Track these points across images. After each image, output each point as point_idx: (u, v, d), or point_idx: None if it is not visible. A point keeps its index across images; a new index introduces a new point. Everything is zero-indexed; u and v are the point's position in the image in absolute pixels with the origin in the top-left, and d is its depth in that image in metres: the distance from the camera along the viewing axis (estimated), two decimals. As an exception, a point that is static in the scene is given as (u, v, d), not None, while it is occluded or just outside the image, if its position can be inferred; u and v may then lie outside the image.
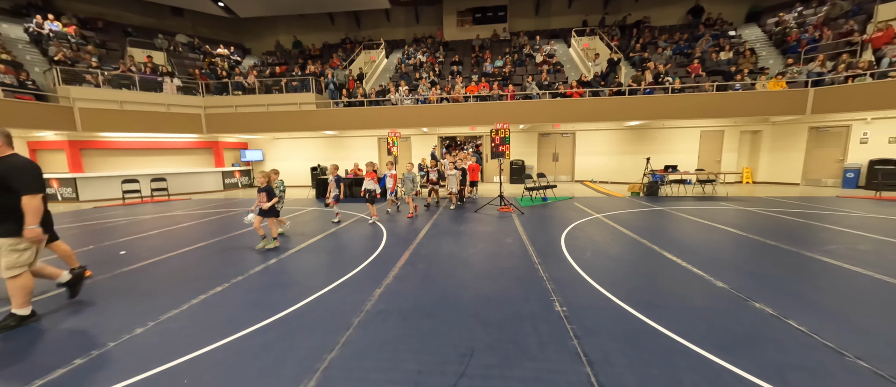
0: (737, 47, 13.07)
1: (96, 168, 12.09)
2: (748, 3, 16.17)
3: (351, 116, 12.69)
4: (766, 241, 5.00)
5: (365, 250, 4.95)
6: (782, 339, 2.46)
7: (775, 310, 2.88)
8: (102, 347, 2.54)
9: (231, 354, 2.43)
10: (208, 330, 2.75)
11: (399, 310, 3.04)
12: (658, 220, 6.66)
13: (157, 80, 12.77)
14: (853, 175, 10.66)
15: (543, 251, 4.69)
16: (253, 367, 2.28)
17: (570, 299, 3.19)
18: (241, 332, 2.71)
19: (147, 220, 7.78)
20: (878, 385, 1.98)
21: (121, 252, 5.10)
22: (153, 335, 2.70)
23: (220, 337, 2.63)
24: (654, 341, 2.48)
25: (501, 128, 7.97)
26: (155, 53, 14.50)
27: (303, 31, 19.31)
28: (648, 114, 11.24)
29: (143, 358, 2.39)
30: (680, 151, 13.26)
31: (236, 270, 4.20)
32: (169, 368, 2.28)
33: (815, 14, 13.24)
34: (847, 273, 3.70)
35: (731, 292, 3.27)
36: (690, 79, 11.95)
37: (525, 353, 2.37)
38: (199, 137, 13.99)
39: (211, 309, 3.15)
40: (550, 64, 14.31)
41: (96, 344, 2.58)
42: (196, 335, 2.67)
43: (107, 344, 2.57)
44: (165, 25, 17.29)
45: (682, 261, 4.17)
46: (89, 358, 2.40)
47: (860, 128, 10.76)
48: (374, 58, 17.14)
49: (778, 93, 10.53)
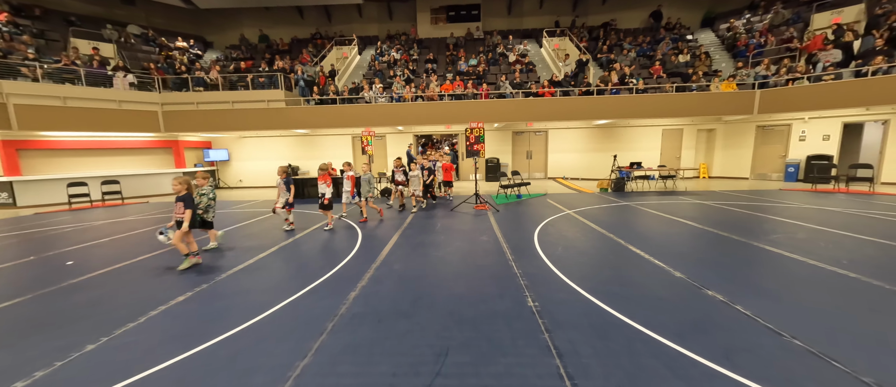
0: (693, 51, 13.95)
1: (37, 171, 10.99)
2: (703, 9, 17.28)
3: (323, 115, 12.34)
4: (718, 232, 5.40)
5: (331, 258, 4.86)
6: (730, 323, 2.68)
7: (725, 297, 3.13)
8: (48, 367, 2.34)
9: (195, 367, 2.32)
10: (168, 343, 2.60)
11: (375, 312, 3.02)
12: (624, 215, 7.01)
13: (107, 74, 11.78)
14: (794, 170, 11.73)
15: (518, 248, 4.81)
16: (220, 378, 2.19)
17: (543, 294, 3.31)
18: (206, 343, 2.59)
19: (98, 226, 7.19)
20: (809, 361, 2.21)
21: (67, 262, 4.69)
22: (105, 352, 2.52)
23: (183, 350, 2.50)
24: (619, 331, 2.63)
25: (476, 126, 8.05)
26: (103, 45, 13.36)
27: (269, 25, 18.49)
28: (615, 113, 11.77)
29: (93, 378, 2.23)
30: (644, 148, 14.00)
31: (200, 279, 3.99)
32: (130, 382, 2.14)
33: (761, 21, 14.37)
34: (786, 260, 4.08)
35: (687, 281, 3.52)
36: (653, 80, 12.62)
37: (499, 349, 2.43)
38: (157, 136, 13.07)
39: (171, 321, 2.98)
40: (523, 63, 14.61)
41: (39, 365, 2.37)
42: (154, 350, 2.52)
43: (53, 364, 2.37)
44: (114, 15, 15.95)
45: (645, 253, 4.43)
46: (31, 380, 2.21)
47: (799, 126, 11.84)
48: (346, 54, 16.73)
49: (729, 94, 11.36)
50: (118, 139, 12.47)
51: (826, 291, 3.24)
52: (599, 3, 17.93)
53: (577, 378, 2.11)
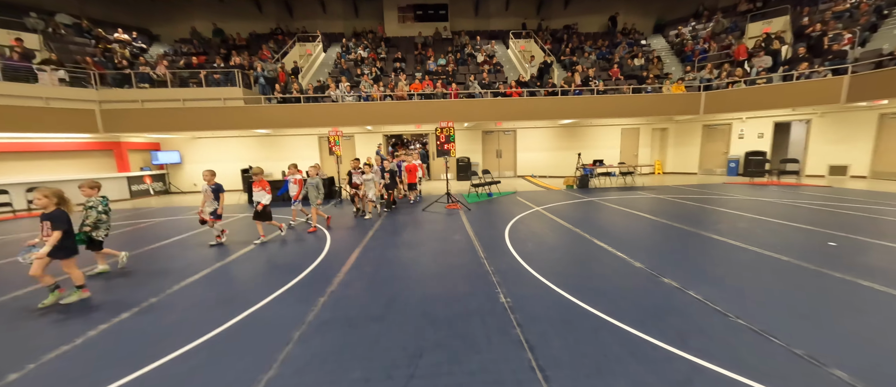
0: (647, 55, 14.91)
1: (-58, 178, 9.53)
2: (655, 16, 18.53)
3: (286, 114, 11.77)
4: (672, 224, 5.81)
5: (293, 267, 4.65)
6: (684, 308, 2.89)
7: (679, 283, 3.36)
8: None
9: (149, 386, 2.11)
10: (110, 367, 2.35)
11: (345, 318, 2.92)
12: (589, 210, 7.35)
13: (30, 68, 10.46)
14: (734, 165, 12.91)
15: (489, 246, 4.88)
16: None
17: (514, 289, 3.37)
18: (156, 362, 2.36)
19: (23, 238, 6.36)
20: (751, 338, 2.43)
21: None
22: (36, 380, 2.23)
23: (129, 371, 2.27)
24: (586, 321, 2.74)
25: (446, 126, 8.06)
26: (26, 36, 11.84)
27: (224, 19, 17.35)
28: (578, 113, 12.30)
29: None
30: (605, 146, 14.76)
31: (148, 291, 3.65)
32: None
33: (705, 29, 15.67)
34: (730, 247, 4.47)
35: (646, 270, 3.74)
36: (611, 82, 13.34)
37: (472, 346, 2.44)
38: (95, 137, 11.81)
39: (114, 341, 2.69)
40: (491, 64, 14.85)
41: None
42: (91, 376, 2.26)
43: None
44: (40, 2, 14.19)
45: (608, 246, 4.66)
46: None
47: (738, 126, 13.05)
48: (310, 51, 16.09)
49: (678, 96, 12.27)
50: (47, 141, 11.11)
51: (764, 273, 3.59)
52: (562, 7, 18.65)
53: (548, 369, 2.16)
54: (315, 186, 6.25)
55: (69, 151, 11.65)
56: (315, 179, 6.22)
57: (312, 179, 6.27)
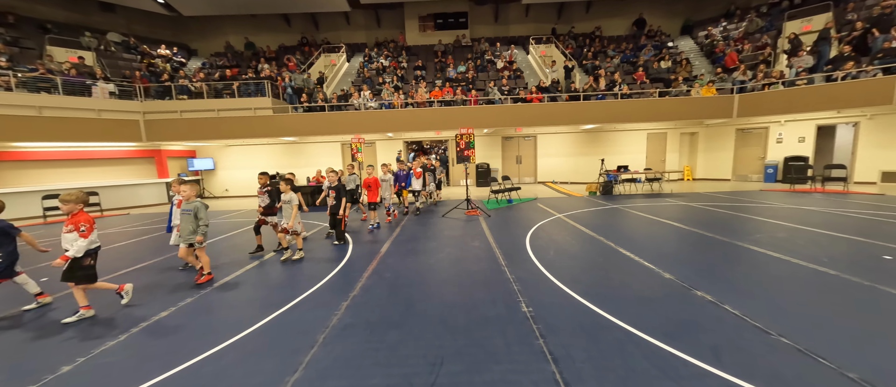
0: (674, 57, 14.39)
1: (10, 183, 10.52)
2: (682, 17, 17.89)
3: (311, 122, 12.21)
4: (704, 233, 5.53)
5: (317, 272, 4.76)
6: (718, 323, 2.73)
7: (713, 296, 3.19)
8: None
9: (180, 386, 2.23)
10: (150, 362, 2.50)
11: (366, 323, 2.96)
12: (613, 217, 7.12)
13: (86, 83, 11.43)
14: (772, 171, 12.14)
15: (509, 253, 4.82)
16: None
17: (535, 298, 3.31)
18: (189, 361, 2.49)
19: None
20: (796, 359, 2.26)
21: (42, 279, 4.47)
22: (83, 376, 2.40)
23: (164, 369, 2.40)
24: (611, 333, 2.64)
25: (466, 132, 8.10)
26: (83, 54, 12.98)
27: (255, 32, 18.31)
28: (601, 118, 12.00)
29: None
30: (630, 151, 14.29)
31: (180, 296, 3.86)
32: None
33: (737, 28, 14.96)
34: (769, 259, 4.20)
35: (676, 282, 3.57)
36: (636, 85, 12.95)
37: (493, 356, 2.41)
38: (138, 146, 12.70)
39: (152, 339, 2.86)
40: (511, 70, 14.81)
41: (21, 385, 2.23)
42: (134, 369, 2.41)
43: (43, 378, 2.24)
44: (93, 22, 15.53)
45: (634, 255, 4.49)
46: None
47: (776, 129, 12.30)
48: (334, 61, 16.66)
49: (709, 98, 11.74)
50: (98, 150, 12.06)
51: (808, 288, 3.34)
52: (584, 11, 18.38)
53: (572, 383, 2.10)
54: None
55: (116, 159, 12.59)
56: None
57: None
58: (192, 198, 4.10)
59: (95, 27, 15.13)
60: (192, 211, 4.03)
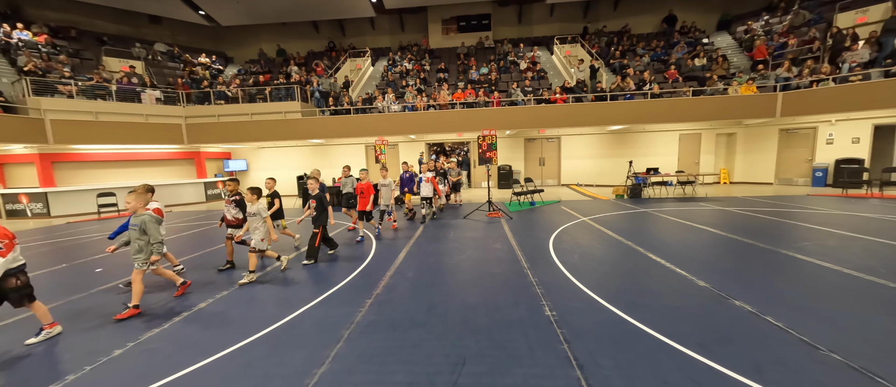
0: (710, 54, 13.66)
1: (69, 182, 11.58)
2: (718, 12, 16.95)
3: (338, 124, 12.61)
4: (743, 239, 5.20)
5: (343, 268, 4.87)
6: (760, 335, 2.56)
7: (753, 307, 2.99)
8: (79, 371, 2.43)
9: (214, 374, 2.36)
10: (189, 349, 2.67)
11: (389, 321, 3.02)
12: (642, 221, 6.84)
13: (136, 90, 12.40)
14: (822, 174, 11.22)
15: (532, 256, 4.75)
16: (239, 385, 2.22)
17: (559, 303, 3.24)
18: (224, 351, 2.64)
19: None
20: (850, 377, 2.08)
21: (96, 270, 4.89)
22: (132, 357, 2.60)
23: (202, 357, 2.55)
24: (640, 341, 2.54)
25: (488, 134, 8.07)
26: (133, 63, 14.09)
27: (286, 39, 19.15)
28: (630, 118, 11.58)
29: (121, 382, 2.30)
30: (660, 153, 13.68)
31: (214, 288, 4.09)
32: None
33: (780, 22, 13.99)
34: (818, 269, 3.88)
35: (712, 290, 3.38)
36: (668, 84, 12.40)
37: (516, 359, 2.39)
38: (180, 148, 13.61)
39: (191, 328, 3.05)
40: (534, 71, 14.60)
41: (73, 368, 2.46)
42: (176, 356, 2.59)
43: (82, 368, 2.46)
44: (142, 34, 16.84)
45: (666, 261, 4.29)
46: (64, 384, 2.29)
47: (826, 129, 11.36)
48: (359, 66, 17.11)
49: (749, 97, 11.03)
50: (145, 151, 13.04)
51: (862, 301, 3.06)
52: (611, 9, 17.84)
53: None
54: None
55: (159, 160, 13.55)
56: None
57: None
58: (140, 210, 3.39)
59: (145, 38, 16.40)
60: (138, 226, 3.31)
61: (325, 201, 4.94)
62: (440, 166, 9.43)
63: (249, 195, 4.18)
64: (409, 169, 7.99)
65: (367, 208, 5.90)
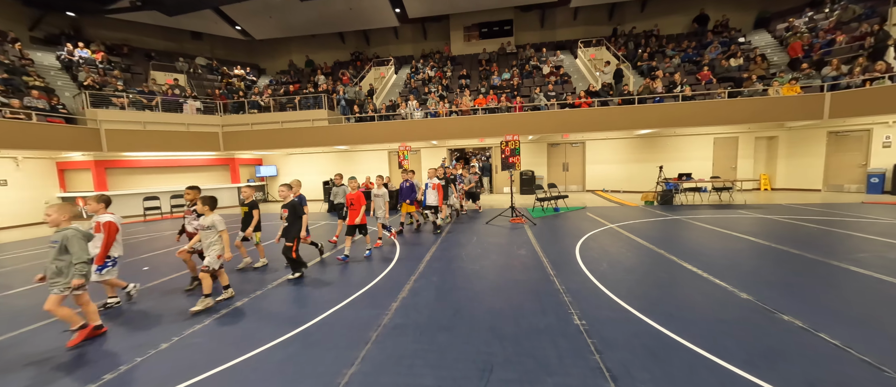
0: (747, 53, 12.95)
1: (120, 186, 12.54)
2: (756, 10, 16.08)
3: (362, 131, 12.94)
4: (789, 250, 4.84)
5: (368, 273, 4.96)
6: (814, 353, 2.37)
7: (804, 322, 2.78)
8: (130, 362, 2.61)
9: (253, 368, 2.47)
10: (229, 346, 2.80)
11: (415, 324, 3.04)
12: (674, 229, 6.53)
13: (179, 101, 13.31)
14: (878, 180, 10.29)
15: (558, 262, 4.64)
16: (274, 382, 2.31)
17: (589, 311, 3.14)
18: (261, 347, 2.75)
19: (167, 236, 8.00)
20: (921, 402, 1.88)
21: (144, 268, 5.25)
22: (177, 351, 2.77)
23: (241, 352, 2.67)
24: (678, 354, 2.42)
25: (511, 139, 8.02)
26: (177, 76, 15.17)
27: (314, 50, 19.96)
28: (659, 122, 11.15)
29: (167, 373, 2.45)
30: (693, 158, 13.05)
31: (252, 287, 4.27)
32: (193, 383, 2.33)
33: (827, 18, 13.07)
34: (878, 283, 3.55)
35: (755, 303, 3.17)
36: (701, 86, 11.86)
37: (545, 368, 2.34)
38: (217, 155, 14.42)
39: (229, 325, 3.21)
40: (558, 75, 14.40)
41: (124, 360, 2.65)
42: (217, 351, 2.72)
43: (134, 360, 2.64)
44: (185, 49, 18.11)
45: (703, 271, 4.07)
46: (117, 374, 2.47)
47: (882, 131, 10.44)
48: (383, 74, 17.54)
49: (793, 98, 10.34)
50: (184, 158, 13.92)
51: (935, 320, 2.76)
52: (638, 10, 17.35)
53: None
54: None
55: (198, 166, 14.41)
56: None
57: None
58: (63, 224, 2.92)
59: (187, 53, 17.62)
60: (59, 243, 2.84)
61: (299, 210, 4.45)
62: (450, 172, 8.64)
63: (201, 206, 3.65)
64: (410, 178, 7.12)
65: (355, 222, 5.19)
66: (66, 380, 2.41)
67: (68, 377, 2.44)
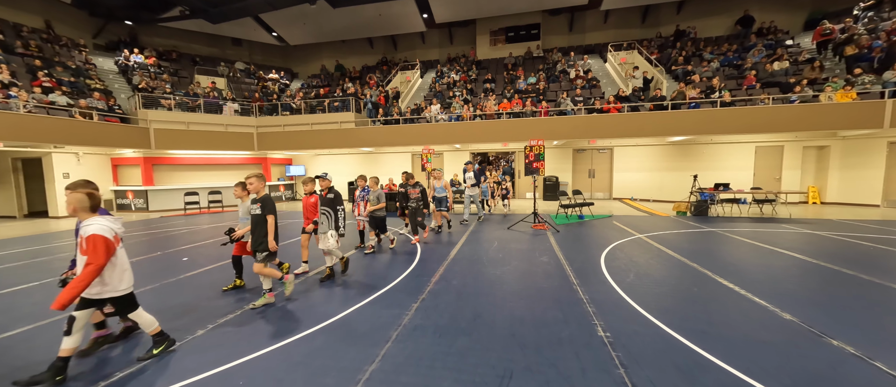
0: (795, 57, 12.08)
1: (164, 182, 13.50)
2: (806, 11, 14.99)
3: (387, 133, 13.22)
4: (840, 269, 4.45)
5: (389, 273, 5.02)
6: (867, 383, 2.17)
7: (857, 349, 2.54)
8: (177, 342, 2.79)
9: (279, 360, 2.58)
10: (258, 335, 2.94)
11: (435, 327, 3.06)
12: (709, 242, 6.17)
13: (219, 103, 14.19)
14: (950, 196, 9.24)
15: (582, 271, 4.52)
16: (299, 374, 2.40)
17: (614, 324, 3.04)
18: (287, 339, 2.87)
19: (205, 229, 8.52)
20: None
21: (183, 259, 5.62)
22: (211, 338, 2.94)
23: (269, 343, 2.80)
24: (712, 375, 2.29)
25: (536, 144, 7.91)
26: (218, 80, 16.18)
27: (344, 55, 20.64)
28: (695, 128, 10.60)
29: (202, 361, 2.61)
30: (732, 167, 12.29)
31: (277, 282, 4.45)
32: (225, 370, 2.46)
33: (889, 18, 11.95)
34: (949, 311, 3.19)
35: (800, 325, 2.94)
36: (742, 91, 11.17)
37: (567, 379, 2.28)
38: (251, 154, 15.21)
39: (259, 317, 3.36)
40: (585, 79, 14.07)
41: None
42: (246, 341, 2.87)
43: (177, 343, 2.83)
44: (226, 54, 19.30)
45: (740, 288, 3.82)
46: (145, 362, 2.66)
47: (956, 142, 9.38)
48: (409, 78, 17.84)
49: (848, 105, 9.52)
50: (222, 157, 14.79)
51: None
52: (673, 12, 16.65)
53: (661, 423, 1.87)
54: None
55: (234, 165, 15.25)
56: None
57: None
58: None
59: (228, 58, 18.76)
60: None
61: (270, 205, 3.55)
62: (456, 180, 8.32)
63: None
64: (366, 184, 6.30)
65: (306, 229, 4.64)
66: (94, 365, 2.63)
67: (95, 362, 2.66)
